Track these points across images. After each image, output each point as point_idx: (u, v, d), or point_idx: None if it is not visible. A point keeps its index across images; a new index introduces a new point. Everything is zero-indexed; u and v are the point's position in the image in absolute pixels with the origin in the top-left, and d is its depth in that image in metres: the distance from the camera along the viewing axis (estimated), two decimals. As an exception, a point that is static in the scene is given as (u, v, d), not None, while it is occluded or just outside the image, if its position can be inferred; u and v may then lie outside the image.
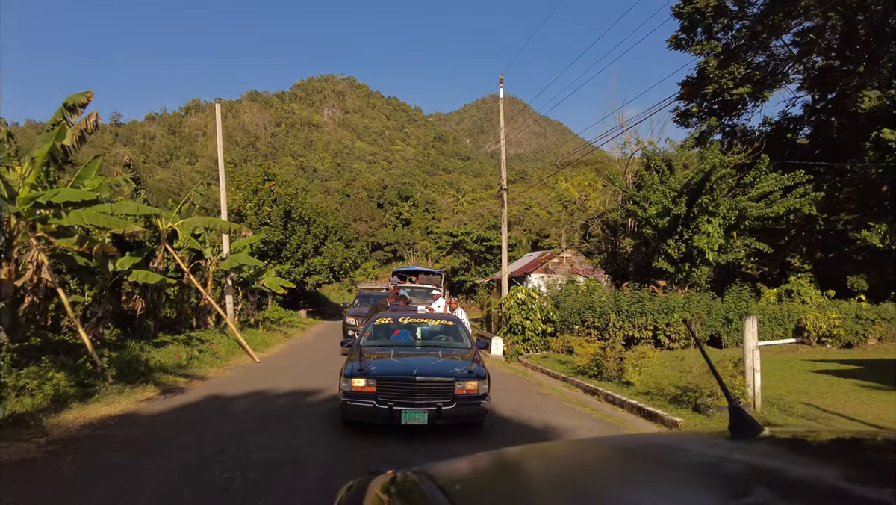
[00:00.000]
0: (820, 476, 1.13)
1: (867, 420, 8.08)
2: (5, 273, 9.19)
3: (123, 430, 6.89)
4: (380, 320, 9.09)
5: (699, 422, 7.88)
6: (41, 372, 8.35)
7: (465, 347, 8.24)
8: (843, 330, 18.25)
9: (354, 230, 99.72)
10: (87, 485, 4.87)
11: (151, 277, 13.31)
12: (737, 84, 21.10)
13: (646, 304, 16.98)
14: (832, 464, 1.28)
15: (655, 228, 17.53)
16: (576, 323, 16.84)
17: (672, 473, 1.29)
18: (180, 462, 5.53)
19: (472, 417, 6.72)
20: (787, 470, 1.20)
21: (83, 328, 10.51)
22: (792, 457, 1.37)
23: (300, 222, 32.68)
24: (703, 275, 17.77)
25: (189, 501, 4.50)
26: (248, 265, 19.57)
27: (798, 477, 1.13)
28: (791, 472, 1.18)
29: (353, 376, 6.53)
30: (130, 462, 5.57)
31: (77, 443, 6.20)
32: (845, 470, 1.22)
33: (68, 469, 5.30)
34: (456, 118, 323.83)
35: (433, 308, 15.53)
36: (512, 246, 50.15)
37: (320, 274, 34.41)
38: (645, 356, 10.71)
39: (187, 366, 11.75)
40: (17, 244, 9.26)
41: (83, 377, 9.00)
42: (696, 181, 16.33)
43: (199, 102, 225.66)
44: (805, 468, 1.21)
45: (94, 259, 12.36)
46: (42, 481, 4.96)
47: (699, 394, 8.55)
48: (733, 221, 17.06)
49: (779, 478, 1.14)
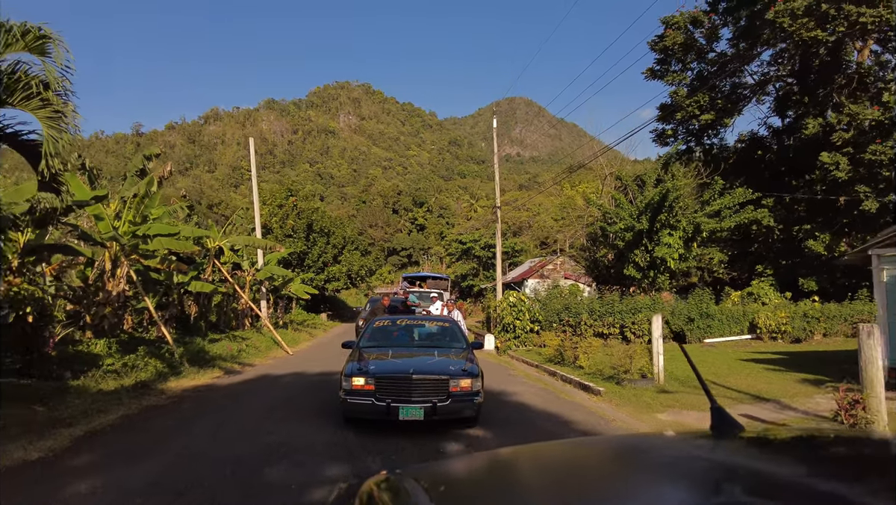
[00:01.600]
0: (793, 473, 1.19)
1: (742, 389, 11.01)
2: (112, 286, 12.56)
3: (211, 393, 10.19)
4: (379, 322, 9.54)
5: (616, 390, 10.88)
6: (141, 358, 11.70)
7: (460, 347, 8.55)
8: (791, 327, 21.03)
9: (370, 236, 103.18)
10: (203, 416, 8.12)
11: (205, 287, 16.69)
12: (702, 111, 24.02)
13: (615, 305, 19.96)
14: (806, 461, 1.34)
15: (623, 241, 20.55)
16: (555, 322, 19.88)
17: (654, 471, 1.35)
18: (256, 409, 8.77)
19: (466, 413, 7.05)
20: (763, 468, 1.25)
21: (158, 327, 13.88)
22: (768, 455, 1.42)
23: (321, 234, 36.19)
24: (667, 280, 20.70)
25: (266, 427, 7.68)
26: (278, 275, 22.95)
27: (773, 474, 1.18)
28: (766, 469, 1.23)
29: (353, 375, 6.89)
30: (224, 407, 8.84)
31: (185, 399, 9.50)
32: (818, 467, 1.27)
33: (188, 411, 8.56)
34: (471, 122, 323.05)
35: (430, 310, 16.82)
36: (518, 252, 53.22)
37: (339, 281, 37.90)
38: (591, 346, 13.78)
39: (237, 356, 15.09)
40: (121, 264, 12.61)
41: (167, 362, 12.32)
42: (655, 201, 19.34)
43: (218, 111, 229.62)
44: (779, 466, 1.27)
45: (162, 273, 15.76)
46: (179, 416, 8.23)
47: (620, 372, 11.60)
48: (691, 234, 19.99)
49: (755, 475, 1.18)
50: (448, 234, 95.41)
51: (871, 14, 18.13)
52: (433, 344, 8.85)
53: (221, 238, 18.79)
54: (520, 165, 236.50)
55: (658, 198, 19.20)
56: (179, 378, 11.37)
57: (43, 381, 9.08)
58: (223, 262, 18.95)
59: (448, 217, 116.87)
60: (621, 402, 9.79)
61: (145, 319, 16.13)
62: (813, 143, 22.08)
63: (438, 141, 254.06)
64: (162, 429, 7.36)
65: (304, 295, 25.97)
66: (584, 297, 22.82)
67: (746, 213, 20.87)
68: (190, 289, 16.80)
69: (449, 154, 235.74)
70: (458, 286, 50.38)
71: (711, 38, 25.52)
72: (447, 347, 8.60)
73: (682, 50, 24.57)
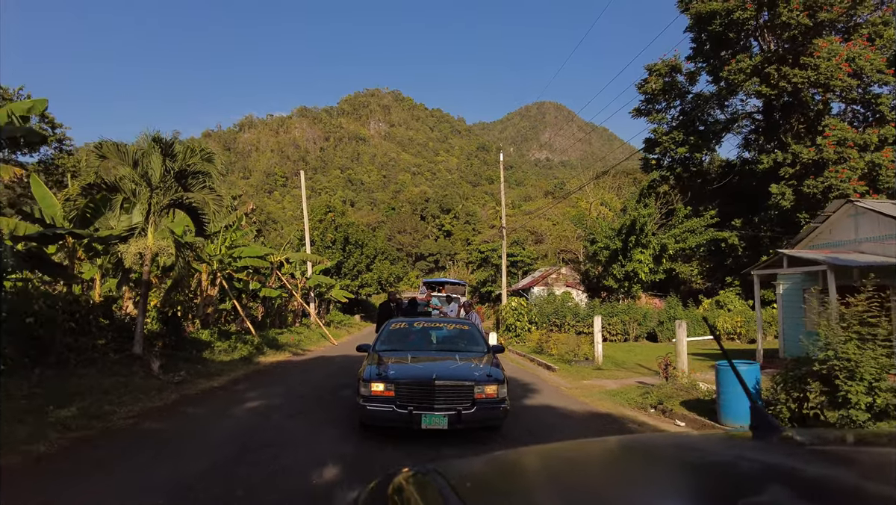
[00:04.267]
0: (838, 476, 1.15)
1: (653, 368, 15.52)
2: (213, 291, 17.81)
3: (289, 365, 15.30)
4: (395, 325, 9.24)
5: (566, 368, 15.50)
6: (233, 343, 16.85)
7: (481, 351, 8.31)
8: (745, 330, 25.22)
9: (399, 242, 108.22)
10: (291, 375, 13.17)
11: (272, 293, 21.92)
12: (678, 145, 28.37)
13: (596, 309, 24.50)
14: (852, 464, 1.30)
15: (604, 257, 25.13)
16: (544, 323, 24.54)
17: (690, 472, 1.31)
18: (322, 374, 13.78)
19: (491, 421, 6.79)
20: (805, 469, 1.20)
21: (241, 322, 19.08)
22: (811, 456, 1.37)
23: (356, 245, 41.57)
24: (639, 289, 25.18)
25: (330, 385, 12.56)
26: (323, 282, 28.17)
27: (816, 476, 1.14)
28: (809, 471, 1.18)
29: (373, 380, 6.61)
30: (303, 371, 13.90)
31: (275, 367, 14.60)
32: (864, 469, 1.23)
33: (281, 373, 13.61)
34: (499, 127, 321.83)
35: (446, 312, 17.67)
36: (534, 260, 57.84)
37: (371, 287, 43.25)
38: (559, 340, 18.45)
39: (298, 344, 20.24)
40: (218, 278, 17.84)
41: (253, 346, 17.45)
42: (627, 225, 23.89)
43: (252, 119, 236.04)
44: (823, 468, 1.22)
45: (242, 282, 21.00)
46: (276, 375, 13.29)
47: (572, 357, 16.29)
48: (658, 252, 24.44)
49: (796, 477, 1.14)
50: (474, 240, 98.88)
51: (800, 75, 22.38)
52: (452, 347, 8.57)
53: (282, 254, 24.04)
54: (548, 170, 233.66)
55: (629, 222, 23.75)
56: (264, 356, 16.50)
57: (186, 353, 14.26)
58: (283, 272, 24.18)
59: (474, 223, 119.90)
60: (566, 374, 14.50)
61: (224, 316, 21.45)
62: (770, 174, 26.27)
63: (467, 146, 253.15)
64: (270, 380, 12.43)
65: (343, 298, 31.20)
66: (573, 302, 27.42)
67: (708, 235, 25.22)
68: (261, 294, 22.05)
69: (477, 159, 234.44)
70: (477, 291, 55.19)
71: (692, 80, 29.88)
72: (467, 350, 8.34)
73: (662, 92, 28.98)
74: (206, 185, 11.98)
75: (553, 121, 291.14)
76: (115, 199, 11.64)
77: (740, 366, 7.96)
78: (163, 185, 11.59)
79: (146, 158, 11.34)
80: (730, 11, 23.96)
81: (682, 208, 24.88)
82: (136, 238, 11.48)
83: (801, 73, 22.41)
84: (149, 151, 11.38)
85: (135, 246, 11.20)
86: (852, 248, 14.95)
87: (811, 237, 16.66)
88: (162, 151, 11.41)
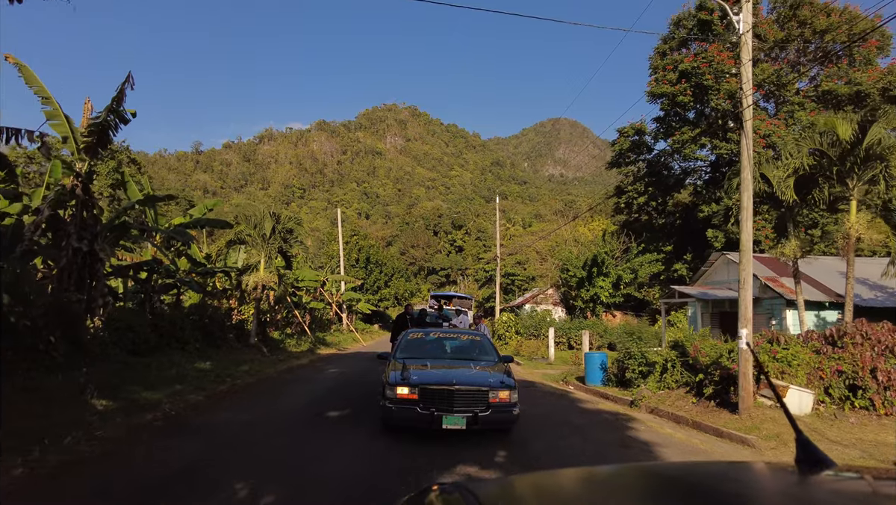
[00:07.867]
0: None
1: (592, 367, 22.38)
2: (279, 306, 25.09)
3: (337, 357, 22.49)
4: (413, 335, 9.88)
5: (527, 363, 22.35)
6: (296, 341, 24.02)
7: (492, 360, 8.90)
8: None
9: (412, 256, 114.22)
10: (342, 362, 20.34)
11: (319, 305, 29.12)
12: (639, 195, 35.32)
13: (567, 323, 31.40)
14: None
15: (574, 283, 32.07)
16: (527, 334, 31.46)
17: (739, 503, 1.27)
18: (362, 360, 20.87)
19: (504, 423, 7.43)
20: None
21: (300, 326, 26.30)
22: (857, 494, 1.34)
23: (376, 265, 48.95)
24: (602, 309, 32.05)
25: (370, 368, 19.54)
26: (353, 297, 35.43)
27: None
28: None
29: (398, 385, 7.26)
30: (350, 359, 21.10)
31: (329, 357, 21.79)
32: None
33: (335, 361, 20.78)
34: (514, 142, 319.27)
35: (455, 324, 17.87)
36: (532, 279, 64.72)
37: (388, 301, 50.57)
38: (529, 345, 25.37)
39: (338, 344, 27.39)
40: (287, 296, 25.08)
41: (310, 344, 24.59)
42: (590, 259, 30.84)
43: (272, 132, 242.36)
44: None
45: (296, 297, 28.23)
46: (332, 361, 20.45)
47: (533, 356, 23.25)
48: (616, 280, 31.32)
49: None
50: (484, 256, 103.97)
51: (725, 147, 29.33)
52: (467, 357, 9.14)
53: (326, 274, 31.27)
54: (562, 186, 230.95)
55: (591, 257, 30.74)
56: (319, 351, 23.63)
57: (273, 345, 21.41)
58: (326, 289, 31.41)
59: (485, 240, 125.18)
60: (526, 367, 21.41)
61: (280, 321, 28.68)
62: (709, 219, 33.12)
63: (481, 161, 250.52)
64: (332, 363, 19.52)
65: (367, 310, 38.49)
66: (551, 318, 34.35)
67: (656, 267, 32.09)
68: (309, 305, 29.28)
69: (491, 174, 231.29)
70: (482, 306, 62.16)
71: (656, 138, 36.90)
72: (479, 359, 8.90)
73: (629, 151, 36.04)
74: (298, 239, 19.22)
75: (568, 137, 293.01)
76: (239, 248, 18.97)
77: (594, 354, 14.94)
78: (272, 238, 18.90)
79: (262, 222, 18.66)
80: (674, 95, 30.98)
81: (634, 247, 31.84)
82: (252, 273, 18.77)
83: (726, 146, 29.38)
84: (263, 218, 18.70)
85: (253, 278, 18.49)
86: (726, 285, 21.79)
87: (705, 276, 23.56)
88: (272, 217, 18.73)
